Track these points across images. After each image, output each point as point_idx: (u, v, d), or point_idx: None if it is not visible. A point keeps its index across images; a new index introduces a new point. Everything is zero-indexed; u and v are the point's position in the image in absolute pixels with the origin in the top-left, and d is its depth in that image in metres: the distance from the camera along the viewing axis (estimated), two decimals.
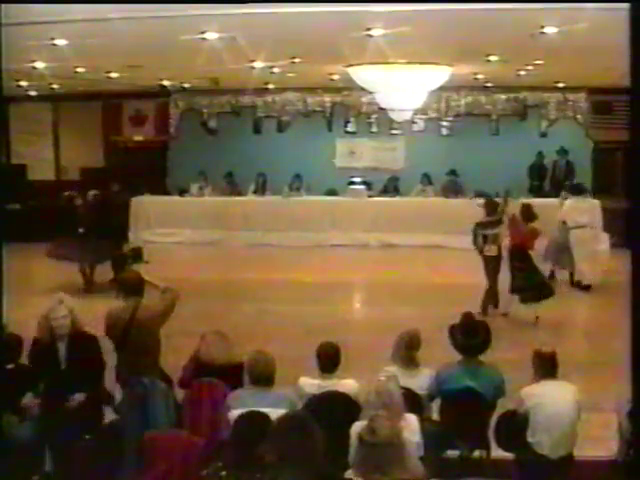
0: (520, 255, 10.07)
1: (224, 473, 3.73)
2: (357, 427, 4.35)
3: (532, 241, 10.30)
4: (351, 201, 16.41)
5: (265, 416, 4.01)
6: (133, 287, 6.11)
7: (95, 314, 6.32)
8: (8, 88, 13.79)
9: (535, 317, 9.92)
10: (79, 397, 5.56)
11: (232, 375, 5.46)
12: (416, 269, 13.64)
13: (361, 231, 16.00)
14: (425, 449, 4.69)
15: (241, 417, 4.12)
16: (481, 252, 10.30)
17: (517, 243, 10.15)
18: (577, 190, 12.73)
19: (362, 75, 12.71)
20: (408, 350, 5.70)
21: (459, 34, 8.95)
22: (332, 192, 17.00)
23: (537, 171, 17.16)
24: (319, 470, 3.57)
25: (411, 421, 4.62)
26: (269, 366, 5.21)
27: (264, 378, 5.16)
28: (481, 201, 11.13)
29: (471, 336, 5.70)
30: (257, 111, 18.59)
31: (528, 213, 10.34)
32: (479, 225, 10.37)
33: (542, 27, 8.31)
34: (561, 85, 16.79)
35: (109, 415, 5.71)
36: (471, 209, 12.13)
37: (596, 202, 12.77)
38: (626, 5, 3.59)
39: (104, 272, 11.84)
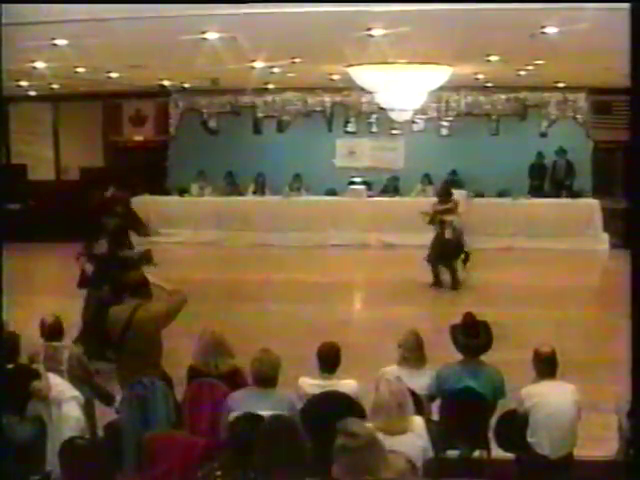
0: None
1: (219, 473, 3.72)
2: None
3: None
4: (351, 201, 16.40)
5: (261, 418, 4.00)
6: (137, 288, 6.13)
7: None
8: (8, 88, 13.77)
9: None
10: None
11: (228, 381, 5.43)
12: (416, 269, 13.62)
13: (361, 231, 16.00)
14: None
15: (237, 419, 4.11)
16: None
17: None
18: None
19: (362, 75, 12.71)
20: (417, 350, 5.69)
21: (459, 34, 8.95)
22: (332, 192, 16.99)
23: (537, 171, 17.13)
24: (307, 472, 3.56)
25: (417, 424, 4.56)
26: (274, 367, 5.13)
27: (267, 379, 5.09)
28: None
29: (472, 336, 5.69)
30: (257, 111, 18.55)
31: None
32: None
33: (542, 27, 8.32)
34: (561, 85, 16.77)
35: (109, 415, 5.71)
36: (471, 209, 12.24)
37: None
38: (626, 5, 3.59)
39: None
